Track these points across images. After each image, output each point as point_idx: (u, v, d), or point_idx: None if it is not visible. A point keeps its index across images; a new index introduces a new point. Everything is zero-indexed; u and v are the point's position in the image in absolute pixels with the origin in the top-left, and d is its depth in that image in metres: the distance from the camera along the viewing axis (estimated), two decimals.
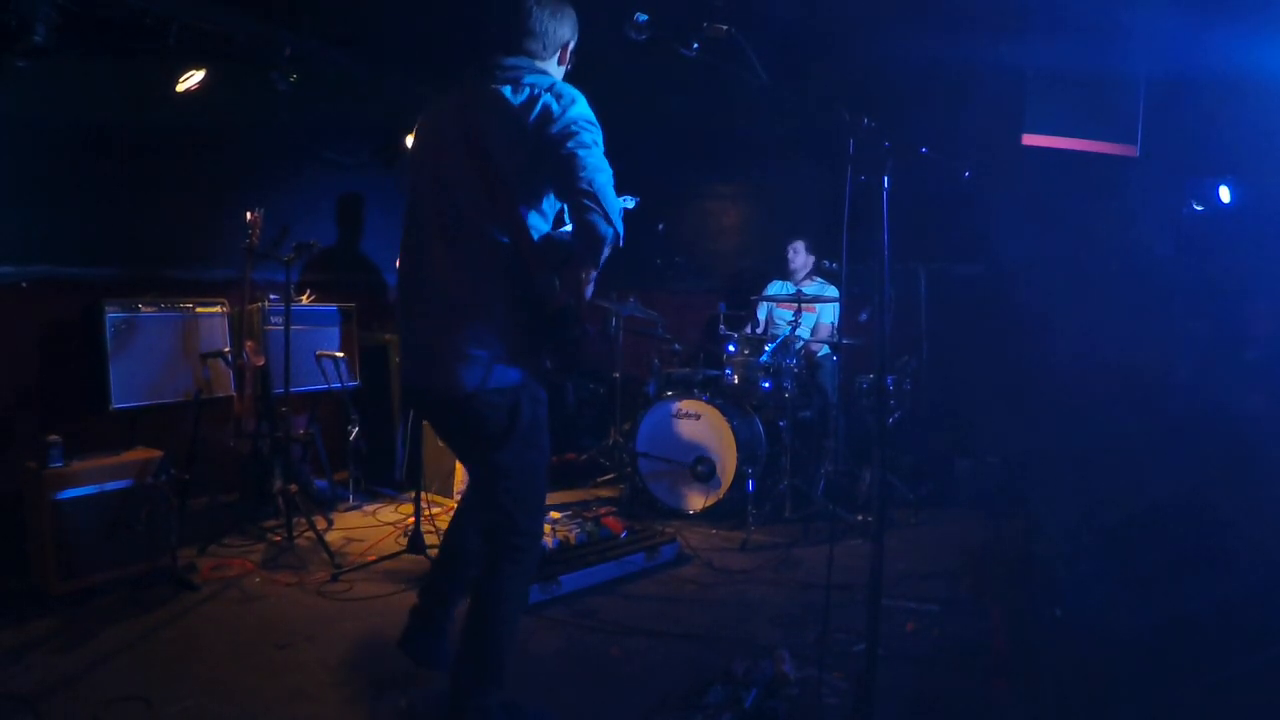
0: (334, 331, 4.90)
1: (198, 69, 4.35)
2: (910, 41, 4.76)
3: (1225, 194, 4.54)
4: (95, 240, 4.30)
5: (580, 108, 2.14)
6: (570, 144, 2.08)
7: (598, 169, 2.09)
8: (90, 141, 4.16)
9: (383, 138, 5.38)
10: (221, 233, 4.60)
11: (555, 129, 2.09)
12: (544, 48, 2.28)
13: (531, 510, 2.33)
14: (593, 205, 2.06)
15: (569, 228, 2.22)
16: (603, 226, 2.08)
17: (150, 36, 4.08)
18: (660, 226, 5.42)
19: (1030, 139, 5.01)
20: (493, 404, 2.17)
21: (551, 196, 2.22)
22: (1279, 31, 4.07)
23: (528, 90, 2.16)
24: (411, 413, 4.63)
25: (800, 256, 5.53)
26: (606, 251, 2.14)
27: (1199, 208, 4.65)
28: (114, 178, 4.30)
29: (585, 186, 2.06)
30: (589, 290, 2.30)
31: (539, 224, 2.20)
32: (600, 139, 2.15)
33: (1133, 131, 4.85)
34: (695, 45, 2.31)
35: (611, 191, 2.10)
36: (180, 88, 4.35)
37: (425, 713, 2.56)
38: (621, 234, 2.14)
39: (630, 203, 4.31)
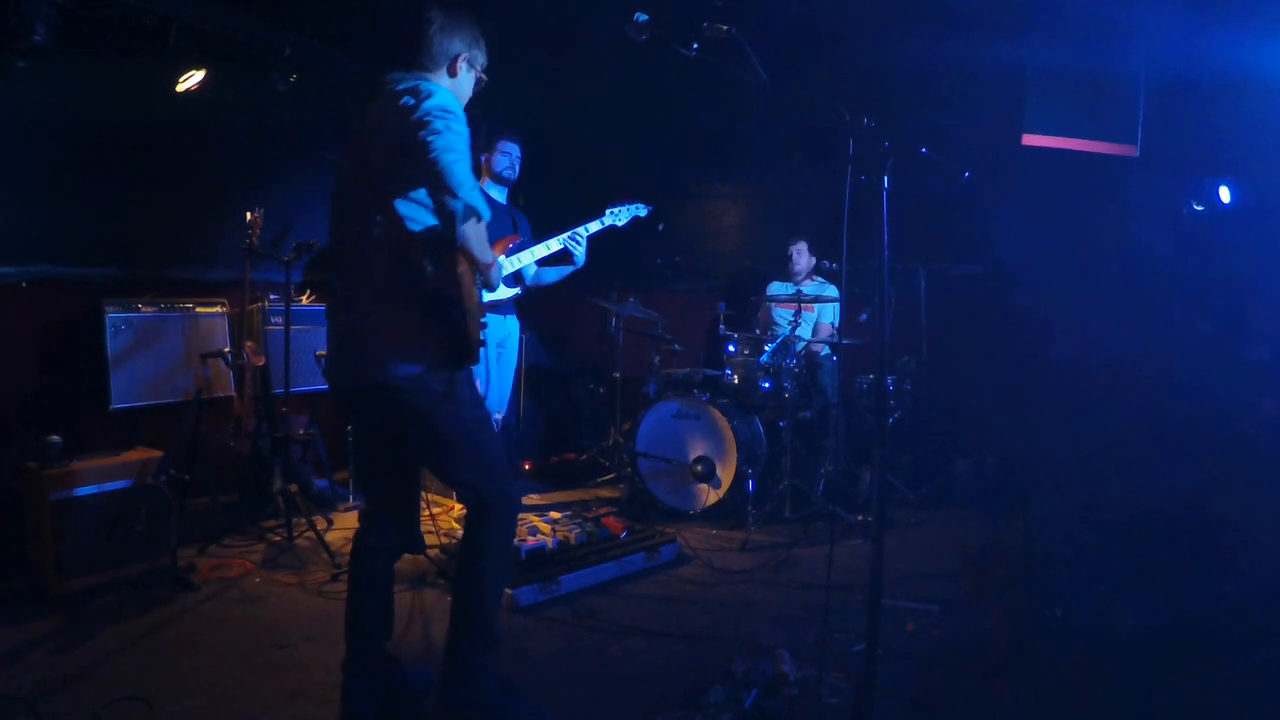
0: None
1: (198, 69, 4.35)
2: (910, 41, 4.76)
3: (1225, 194, 4.53)
4: (95, 240, 4.30)
5: (437, 99, 2.25)
6: (422, 132, 2.19)
7: (445, 149, 2.18)
8: (90, 141, 4.16)
9: None
10: (221, 233, 4.61)
11: (413, 119, 2.21)
12: (432, 60, 2.46)
13: (490, 473, 2.42)
14: (440, 183, 2.20)
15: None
16: (450, 202, 2.24)
17: (150, 36, 4.09)
18: (660, 226, 5.42)
19: (1030, 139, 5.00)
20: (406, 390, 2.28)
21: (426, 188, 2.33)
22: (1279, 31, 4.07)
23: (398, 96, 2.30)
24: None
25: (804, 258, 5.53)
26: (469, 229, 2.29)
27: (1199, 208, 4.65)
28: (114, 178, 4.30)
29: (433, 167, 2.18)
30: (489, 274, 2.48)
31: (419, 215, 2.30)
32: (457, 125, 2.24)
33: (1133, 131, 4.84)
34: (695, 45, 2.31)
35: (461, 169, 2.19)
36: (180, 88, 4.36)
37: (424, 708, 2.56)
38: (480, 208, 2.26)
39: (642, 211, 4.34)
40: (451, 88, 2.45)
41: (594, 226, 4.24)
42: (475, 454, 2.40)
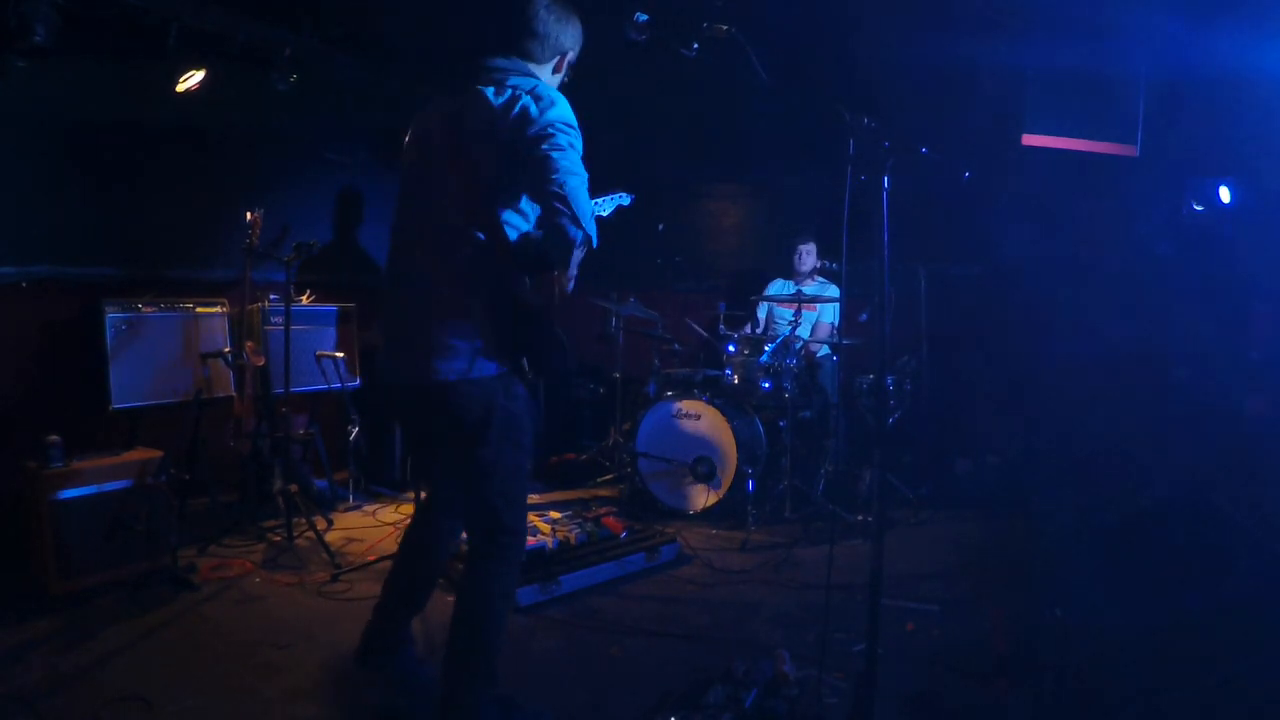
0: (334, 331, 4.90)
1: (198, 69, 4.35)
2: (910, 41, 4.76)
3: (1225, 194, 4.54)
4: (95, 240, 4.30)
5: (559, 110, 2.14)
6: (544, 146, 2.09)
7: (570, 172, 2.09)
8: (90, 141, 4.16)
9: (383, 138, 5.38)
10: (221, 233, 4.61)
11: (532, 131, 2.10)
12: (543, 50, 2.30)
13: (516, 508, 2.35)
14: (563, 208, 2.07)
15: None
16: (571, 230, 2.09)
17: (150, 36, 4.08)
18: (660, 226, 5.42)
19: (1030, 139, 5.00)
20: (469, 395, 2.19)
21: (529, 197, 2.23)
22: (1279, 31, 4.07)
23: (510, 92, 2.17)
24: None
25: (812, 258, 5.53)
26: (578, 254, 2.17)
27: (1199, 208, 4.65)
28: (114, 178, 4.29)
29: (556, 189, 2.07)
30: (567, 290, 2.34)
31: (518, 223, 2.22)
32: (578, 142, 2.15)
33: (1133, 131, 4.85)
34: (695, 45, 2.31)
35: (583, 195, 2.11)
36: (180, 88, 4.35)
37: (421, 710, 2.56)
38: (593, 236, 2.15)
39: (625, 200, 4.32)
40: (552, 85, 2.28)
41: None
42: (510, 475, 2.29)
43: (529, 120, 2.10)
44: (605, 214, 4.33)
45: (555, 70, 2.37)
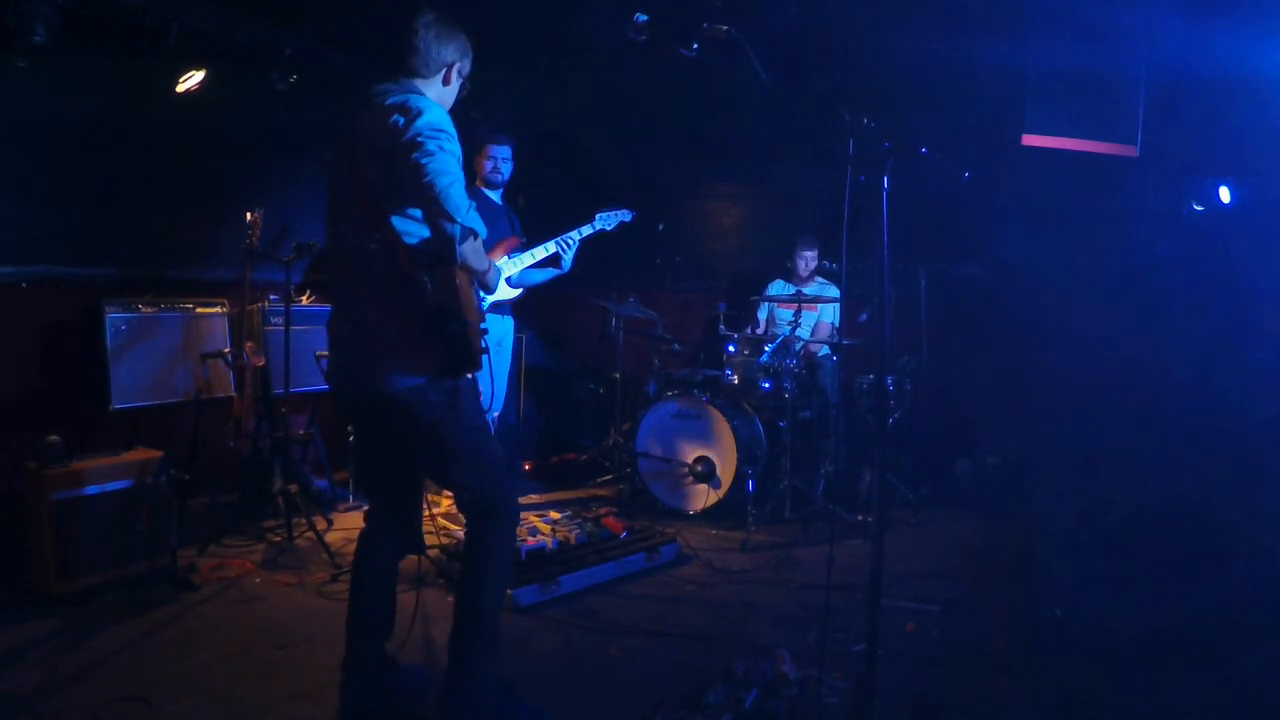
0: None
1: (198, 69, 4.35)
2: (910, 41, 4.76)
3: (1225, 194, 4.53)
4: (95, 240, 4.30)
5: (427, 117, 2.23)
6: (415, 154, 2.18)
7: (439, 172, 2.17)
8: (90, 141, 4.15)
9: None
10: (221, 233, 4.61)
11: (403, 140, 2.20)
12: (427, 66, 2.42)
13: (495, 479, 2.45)
14: (437, 209, 2.21)
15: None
16: (449, 227, 2.25)
17: (150, 36, 4.08)
18: (660, 226, 5.41)
19: (1030, 139, 5.00)
20: (409, 401, 2.30)
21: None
22: (1279, 31, 4.07)
23: (385, 110, 2.29)
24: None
25: (815, 263, 5.53)
26: (469, 247, 2.31)
27: (1199, 208, 4.65)
28: (114, 178, 4.30)
29: (428, 192, 2.18)
30: (489, 280, 2.52)
31: (415, 229, 2.31)
32: (449, 145, 2.23)
33: (1133, 131, 4.85)
34: (695, 45, 2.31)
35: (455, 192, 2.19)
36: (180, 88, 4.35)
37: (424, 708, 2.56)
38: (479, 229, 2.28)
39: (627, 216, 4.45)
40: (440, 98, 2.44)
41: (585, 231, 4.35)
42: (477, 460, 2.41)
43: (399, 131, 2.22)
44: (610, 229, 4.44)
45: (445, 83, 2.49)
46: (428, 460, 2.45)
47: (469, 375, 2.39)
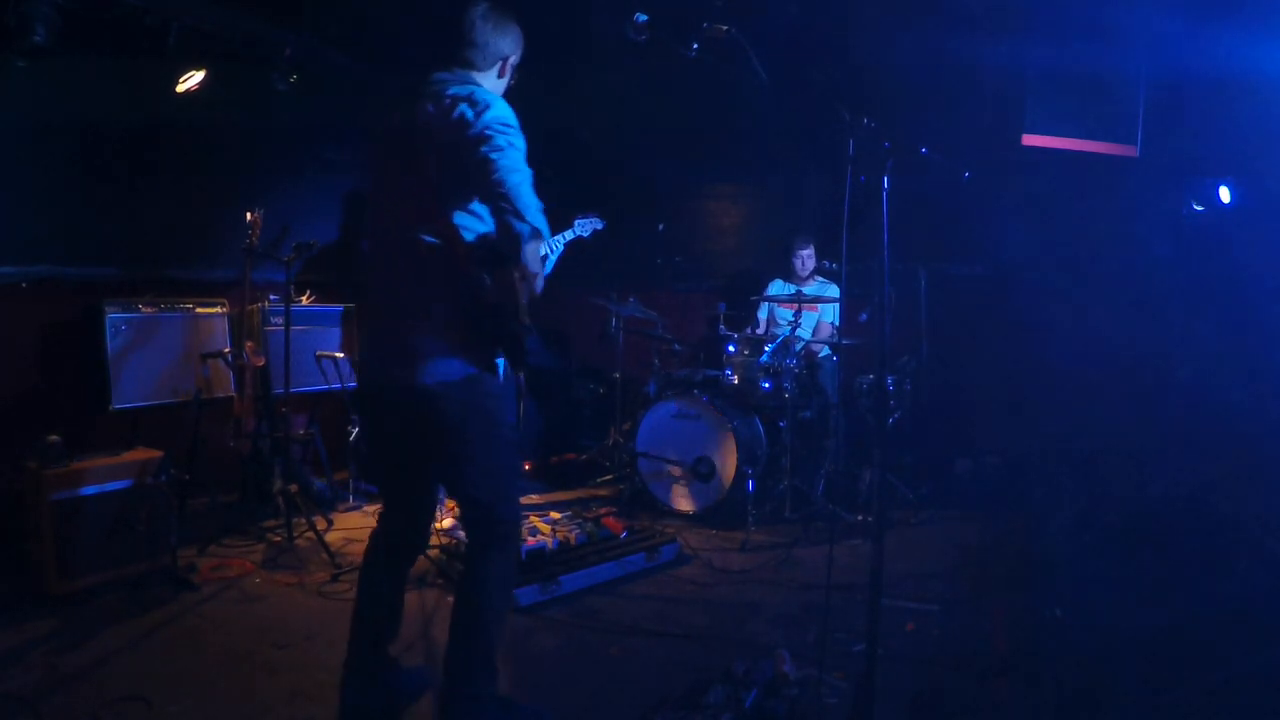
0: (334, 331, 4.90)
1: (198, 69, 4.35)
2: (910, 41, 4.76)
3: (1225, 194, 4.53)
4: (95, 240, 4.30)
5: (495, 111, 2.19)
6: (484, 148, 2.14)
7: (510, 170, 2.14)
8: (90, 141, 4.16)
9: None
10: (221, 233, 4.61)
11: (471, 134, 2.16)
12: (483, 58, 2.37)
13: (507, 499, 2.41)
14: (506, 205, 2.14)
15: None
16: (517, 224, 2.15)
17: (150, 36, 4.08)
18: (660, 226, 5.41)
19: (1030, 139, 5.00)
20: (445, 397, 2.24)
21: (478, 199, 2.29)
22: (1279, 31, 4.07)
23: (448, 101, 2.23)
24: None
25: (812, 261, 5.53)
26: (531, 248, 2.21)
27: (1199, 208, 4.65)
28: (114, 178, 4.30)
29: (498, 188, 2.13)
30: (535, 285, 2.36)
31: (473, 225, 2.27)
32: (517, 140, 2.20)
33: (1133, 131, 4.84)
34: (695, 45, 2.32)
35: (526, 190, 2.15)
36: (180, 88, 4.35)
37: (423, 710, 2.56)
38: (543, 229, 2.20)
39: (599, 224, 4.50)
40: (496, 90, 2.36)
41: (568, 236, 4.39)
42: (497, 472, 2.35)
43: (467, 124, 2.17)
44: (586, 235, 4.47)
45: (500, 75, 2.43)
46: (445, 461, 2.36)
47: (504, 378, 2.34)
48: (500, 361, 2.31)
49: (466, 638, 2.33)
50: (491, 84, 2.40)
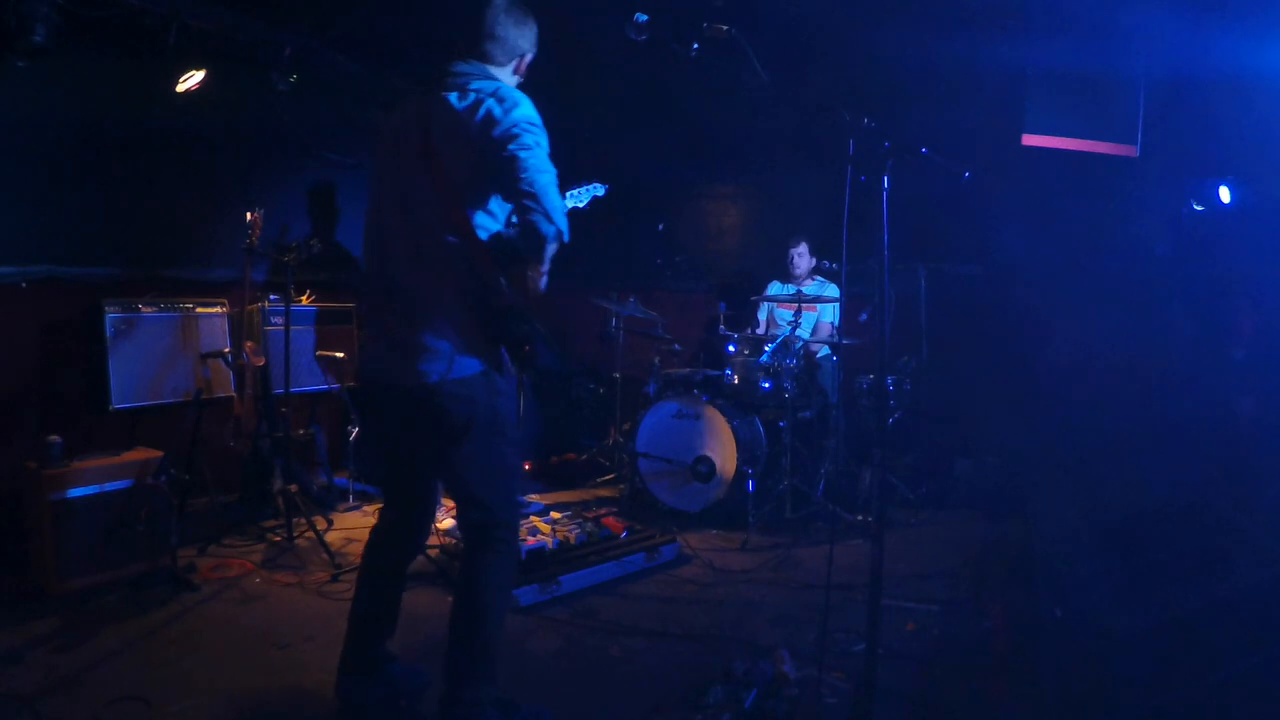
0: (334, 331, 4.89)
1: (198, 69, 4.35)
2: (910, 41, 4.76)
3: (1225, 194, 4.53)
4: (95, 240, 4.30)
5: (523, 110, 2.17)
6: (512, 146, 2.12)
7: (539, 170, 2.13)
8: (90, 141, 4.16)
9: None
10: (221, 233, 4.61)
11: (498, 132, 2.14)
12: (503, 53, 2.33)
13: (507, 501, 2.39)
14: (534, 205, 2.13)
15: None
16: (544, 226, 2.14)
17: (150, 36, 4.08)
18: (660, 226, 5.42)
19: (1030, 139, 5.00)
20: (452, 395, 2.21)
21: (499, 197, 2.25)
22: (1279, 32, 4.07)
23: (473, 96, 2.20)
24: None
25: (805, 259, 5.53)
26: (551, 249, 2.22)
27: (1199, 208, 4.65)
28: (114, 178, 4.29)
29: (526, 188, 2.12)
30: (541, 286, 2.38)
31: (488, 224, 2.24)
32: (543, 140, 2.19)
33: (1133, 131, 4.84)
34: (695, 45, 2.31)
35: (553, 191, 2.14)
36: (180, 88, 4.35)
37: (422, 709, 2.56)
38: (565, 232, 2.19)
39: (600, 190, 4.36)
40: (512, 87, 2.31)
41: (566, 206, 4.29)
42: (499, 473, 2.33)
43: (494, 122, 2.14)
44: (583, 205, 4.39)
45: (515, 72, 2.41)
46: (448, 460, 2.31)
47: (512, 379, 2.32)
48: (506, 360, 2.29)
49: (466, 638, 2.32)
50: (508, 80, 2.36)
